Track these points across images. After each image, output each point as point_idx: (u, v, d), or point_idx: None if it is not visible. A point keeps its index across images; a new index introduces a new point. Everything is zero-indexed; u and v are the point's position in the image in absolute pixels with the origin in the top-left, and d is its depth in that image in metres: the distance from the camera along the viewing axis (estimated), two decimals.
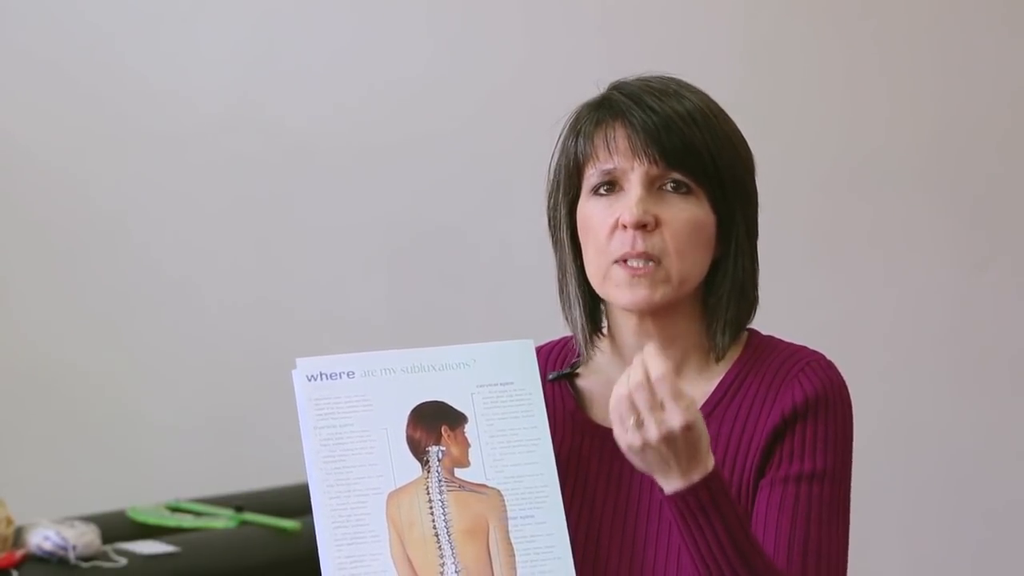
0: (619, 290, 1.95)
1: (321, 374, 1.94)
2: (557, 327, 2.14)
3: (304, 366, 1.95)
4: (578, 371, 2.06)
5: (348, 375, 1.95)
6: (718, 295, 1.99)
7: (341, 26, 4.49)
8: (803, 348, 2.01)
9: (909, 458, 4.42)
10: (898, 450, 4.39)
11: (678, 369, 2.00)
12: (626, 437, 1.80)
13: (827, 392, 1.95)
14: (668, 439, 1.78)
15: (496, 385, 1.96)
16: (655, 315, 1.98)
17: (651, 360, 1.79)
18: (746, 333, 2.03)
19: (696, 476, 1.81)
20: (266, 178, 4.49)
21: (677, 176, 1.94)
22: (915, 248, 4.49)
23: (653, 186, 1.94)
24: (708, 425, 1.94)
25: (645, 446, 1.79)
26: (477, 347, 1.98)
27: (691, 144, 1.93)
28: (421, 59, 4.48)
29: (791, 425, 1.94)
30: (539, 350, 2.09)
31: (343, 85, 4.50)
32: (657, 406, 1.78)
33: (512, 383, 1.96)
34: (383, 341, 4.40)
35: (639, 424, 1.79)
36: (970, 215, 4.50)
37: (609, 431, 1.99)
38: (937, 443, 4.48)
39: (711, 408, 1.98)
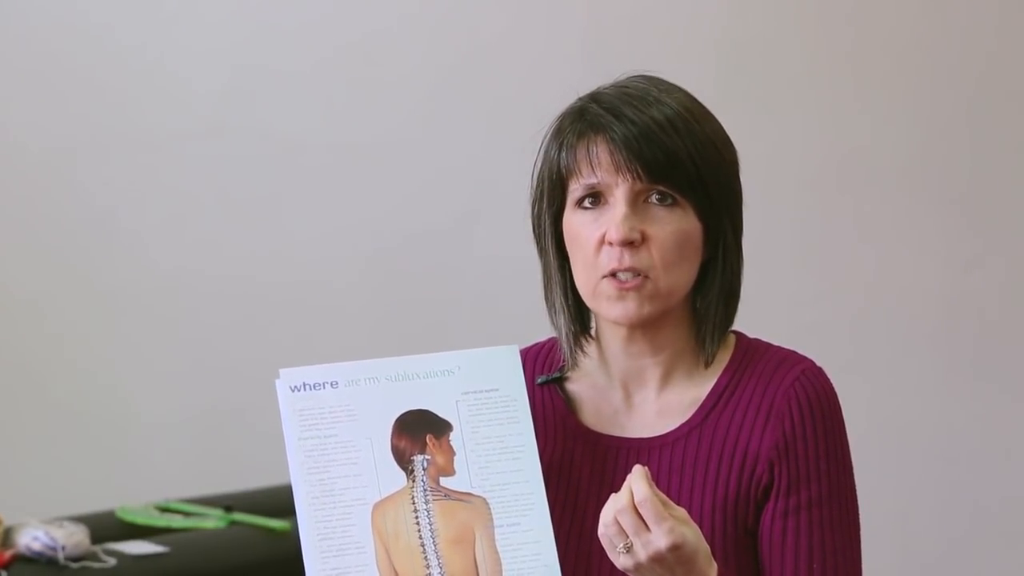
0: (609, 304, 1.95)
1: (304, 384, 1.93)
2: (545, 329, 2.13)
3: (287, 376, 1.94)
4: (567, 375, 2.05)
5: (332, 385, 1.94)
6: (707, 300, 1.98)
7: (333, 27, 4.47)
8: (792, 353, 2.01)
9: (898, 457, 4.41)
10: (887, 449, 4.38)
11: (667, 376, 2.00)
12: (619, 560, 1.82)
13: (823, 407, 1.95)
14: (657, 559, 1.80)
15: (481, 392, 1.95)
16: (644, 327, 1.97)
17: (636, 483, 1.81)
18: (733, 336, 2.03)
19: None
20: (259, 177, 4.48)
21: (662, 188, 1.93)
22: (903, 247, 4.48)
23: (638, 200, 1.93)
24: (702, 432, 1.96)
25: (638, 566, 1.81)
26: (461, 354, 1.97)
27: (673, 154, 1.92)
28: (412, 59, 4.47)
29: (792, 447, 1.94)
30: (526, 352, 2.09)
31: (332, 86, 4.48)
32: (643, 528, 1.80)
33: (497, 389, 1.95)
34: (375, 341, 4.39)
35: (628, 547, 1.80)
36: (959, 214, 4.49)
37: (600, 435, 2.01)
38: (926, 442, 4.48)
39: (704, 414, 1.97)
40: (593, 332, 2.04)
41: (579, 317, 2.02)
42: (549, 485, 1.95)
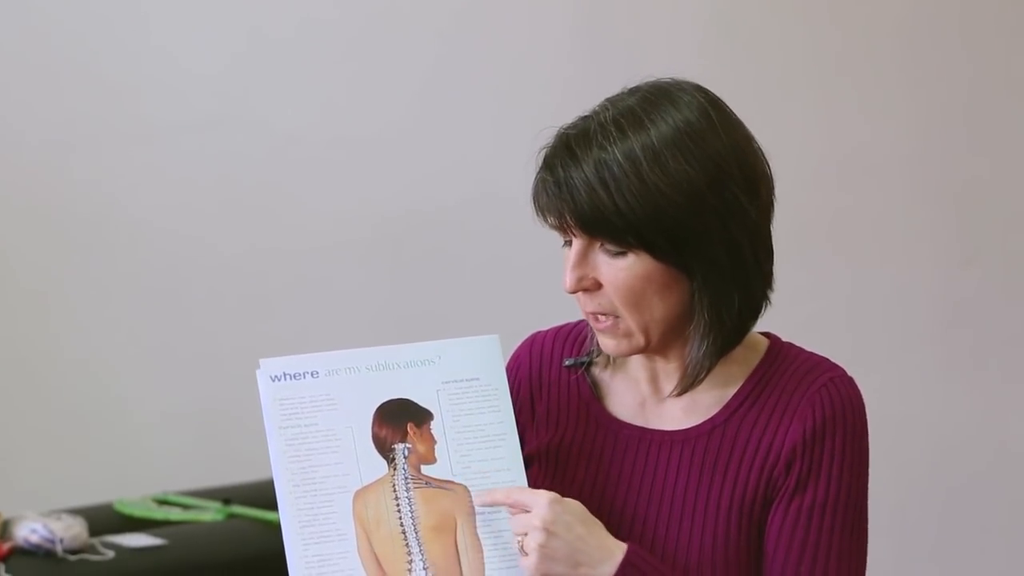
0: (597, 337, 1.96)
1: (285, 374, 1.95)
2: (543, 321, 2.14)
3: (268, 366, 1.95)
4: (596, 360, 2.04)
5: (312, 375, 1.95)
6: (691, 331, 1.93)
7: (330, 18, 4.48)
8: (824, 360, 1.99)
9: (897, 452, 4.41)
10: (886, 444, 4.38)
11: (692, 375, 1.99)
12: (531, 560, 1.86)
13: (846, 414, 1.94)
14: (553, 522, 1.85)
15: (461, 381, 1.96)
16: (646, 352, 1.97)
17: (489, 499, 1.90)
18: (766, 340, 2.01)
19: None
20: (255, 171, 4.48)
21: (600, 240, 1.89)
22: (902, 242, 4.49)
23: (593, 246, 1.90)
24: (724, 431, 1.96)
25: (545, 552, 1.85)
26: (442, 343, 1.98)
27: (597, 210, 1.86)
28: (409, 49, 4.48)
29: (809, 448, 1.92)
30: (555, 333, 2.09)
31: (331, 79, 4.49)
32: (523, 513, 1.88)
33: (478, 379, 1.97)
34: (370, 333, 4.40)
35: (523, 539, 1.87)
36: (957, 209, 4.49)
37: (622, 424, 2.01)
38: (923, 440, 4.49)
39: (729, 414, 1.97)
40: None
41: None
42: (566, 468, 1.98)
